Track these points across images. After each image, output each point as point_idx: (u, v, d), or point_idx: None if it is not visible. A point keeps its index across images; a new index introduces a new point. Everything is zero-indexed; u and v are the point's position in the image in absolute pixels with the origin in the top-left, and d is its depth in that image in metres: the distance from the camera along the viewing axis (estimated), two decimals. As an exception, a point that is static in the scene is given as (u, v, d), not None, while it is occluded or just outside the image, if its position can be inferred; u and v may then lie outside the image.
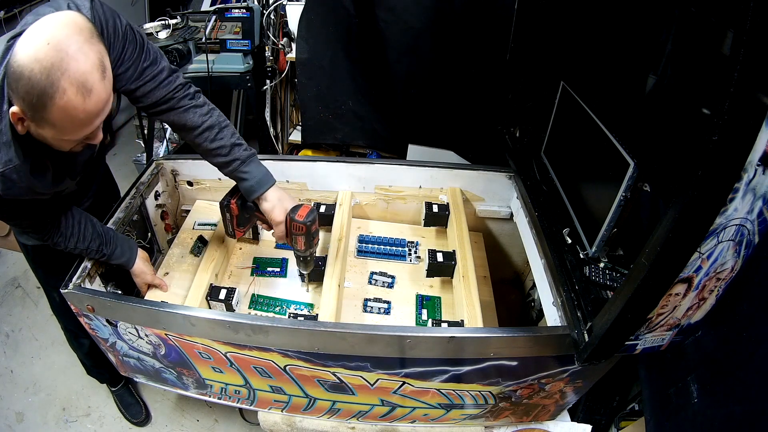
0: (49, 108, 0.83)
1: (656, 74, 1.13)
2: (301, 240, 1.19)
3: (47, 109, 0.83)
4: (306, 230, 1.17)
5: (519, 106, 1.70)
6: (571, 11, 1.43)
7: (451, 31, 1.99)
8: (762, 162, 0.71)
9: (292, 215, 1.18)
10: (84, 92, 0.84)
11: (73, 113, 0.85)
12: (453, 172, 1.68)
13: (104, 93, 0.88)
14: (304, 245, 1.22)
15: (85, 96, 0.84)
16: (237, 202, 1.23)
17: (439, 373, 1.18)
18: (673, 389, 1.10)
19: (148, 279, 1.38)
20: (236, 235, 1.31)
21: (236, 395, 1.40)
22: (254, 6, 2.15)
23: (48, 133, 0.89)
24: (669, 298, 0.88)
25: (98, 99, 0.87)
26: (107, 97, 0.90)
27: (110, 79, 0.89)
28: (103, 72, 0.87)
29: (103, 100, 0.88)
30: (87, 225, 1.23)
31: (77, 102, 0.84)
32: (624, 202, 1.09)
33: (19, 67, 0.81)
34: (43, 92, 0.81)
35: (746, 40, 0.60)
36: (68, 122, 0.86)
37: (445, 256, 1.48)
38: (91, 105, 0.86)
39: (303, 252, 1.25)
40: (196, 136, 1.16)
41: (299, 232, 1.17)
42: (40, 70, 0.80)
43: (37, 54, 0.80)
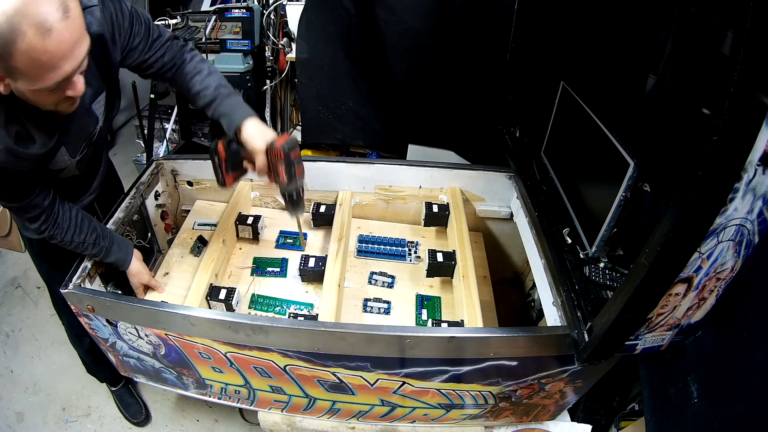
0: (14, 55, 0.83)
1: (656, 74, 1.13)
2: (281, 170, 1.16)
3: (13, 57, 0.83)
4: (285, 156, 1.14)
5: (519, 106, 1.70)
6: (571, 11, 1.43)
7: (451, 31, 1.99)
8: (762, 162, 0.71)
9: (271, 142, 1.16)
10: (43, 32, 0.84)
11: (35, 56, 0.85)
12: (453, 172, 1.68)
13: (66, 33, 0.87)
14: (286, 176, 1.17)
15: (44, 35, 0.84)
16: (223, 143, 1.22)
17: (439, 373, 1.19)
18: (673, 389, 1.10)
19: (144, 279, 1.39)
20: (226, 182, 1.26)
21: (236, 395, 1.40)
22: (254, 6, 2.16)
23: (22, 84, 0.90)
24: (669, 298, 0.88)
25: (59, 39, 0.86)
26: (71, 39, 0.89)
27: (75, 21, 0.89)
28: (66, 12, 0.86)
29: (65, 41, 0.87)
30: (83, 218, 1.24)
31: (37, 43, 0.84)
32: (624, 202, 1.09)
33: None
34: (6, 38, 0.82)
35: (746, 40, 0.60)
36: (33, 67, 0.86)
37: (445, 256, 1.48)
38: (52, 45, 0.85)
39: (287, 186, 1.19)
40: (190, 79, 1.24)
41: (278, 159, 1.15)
42: (3, 20, 0.81)
43: (3, 6, 0.81)
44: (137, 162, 2.82)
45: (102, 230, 1.27)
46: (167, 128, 2.74)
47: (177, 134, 2.88)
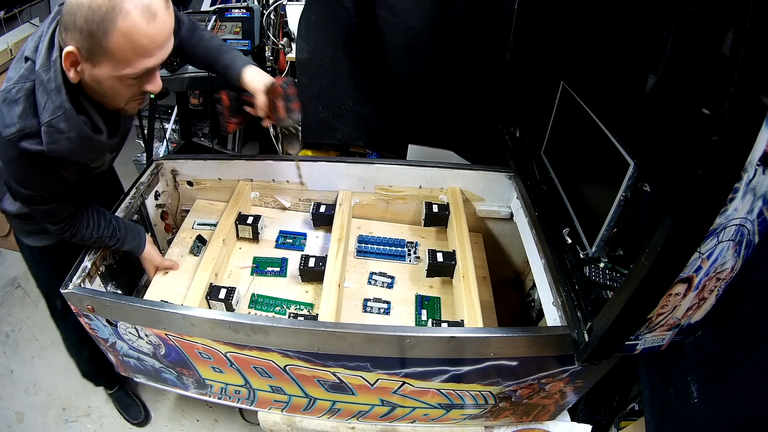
0: (110, 33, 0.81)
1: (656, 74, 1.13)
2: (280, 105, 1.24)
3: (108, 36, 0.81)
4: (284, 91, 1.23)
5: (519, 106, 1.70)
6: (571, 11, 1.43)
7: (451, 31, 1.99)
8: (762, 162, 0.71)
9: (271, 82, 1.25)
10: (149, 15, 0.82)
11: (137, 37, 0.83)
12: (453, 172, 1.68)
13: (168, 22, 0.86)
14: (285, 110, 1.25)
15: (149, 19, 0.82)
16: (227, 92, 1.32)
17: (439, 373, 1.18)
18: (673, 389, 1.10)
19: (157, 261, 1.41)
20: (229, 128, 1.36)
21: (236, 395, 1.40)
22: (254, 6, 2.15)
23: (105, 70, 0.87)
24: (669, 298, 0.88)
25: (162, 26, 0.85)
26: (170, 29, 0.88)
27: (172, 13, 0.89)
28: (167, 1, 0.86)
29: (167, 30, 0.87)
30: (99, 214, 1.25)
31: (141, 24, 0.82)
32: (624, 202, 1.09)
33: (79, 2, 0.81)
34: (105, 16, 0.80)
35: (746, 40, 0.60)
36: (130, 50, 0.84)
37: (445, 256, 1.48)
38: (155, 30, 0.84)
39: (285, 120, 1.28)
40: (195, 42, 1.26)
41: (277, 96, 1.23)
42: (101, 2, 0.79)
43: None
44: (137, 162, 2.82)
45: (117, 222, 1.29)
46: (167, 128, 2.74)
47: (177, 134, 2.88)
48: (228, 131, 1.38)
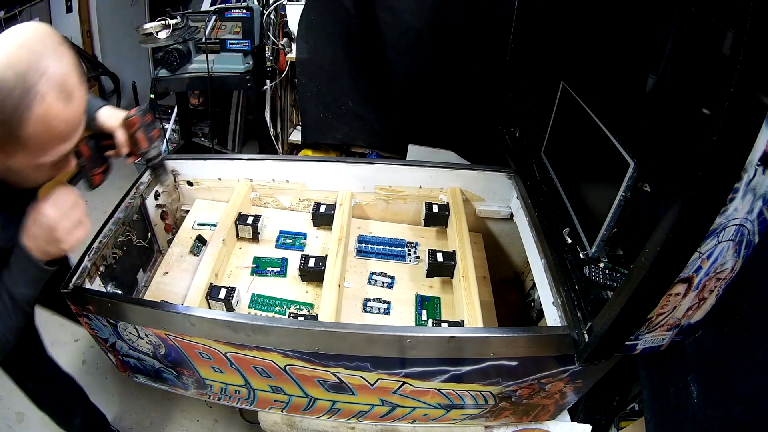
0: (25, 121, 0.70)
1: (656, 74, 1.13)
2: (140, 136, 1.20)
3: (23, 124, 0.70)
4: (140, 121, 1.18)
5: (519, 106, 1.70)
6: (571, 11, 1.43)
7: (451, 31, 1.99)
8: (762, 162, 0.71)
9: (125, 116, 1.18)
10: (65, 96, 0.73)
11: (54, 123, 0.73)
12: (453, 172, 1.68)
13: (83, 99, 0.77)
14: (145, 140, 1.22)
15: (66, 100, 0.73)
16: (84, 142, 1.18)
17: (439, 373, 1.18)
18: (673, 389, 1.10)
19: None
20: (94, 182, 1.20)
21: (236, 395, 1.40)
22: (254, 6, 2.15)
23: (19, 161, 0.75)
24: (669, 298, 0.88)
25: (79, 105, 0.76)
26: (84, 106, 0.78)
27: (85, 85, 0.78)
28: (81, 75, 0.76)
29: (82, 108, 0.77)
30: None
31: (58, 108, 0.72)
32: (624, 202, 1.09)
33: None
34: (18, 101, 0.69)
35: (746, 40, 0.60)
36: (47, 137, 0.73)
37: (445, 256, 1.48)
38: (72, 112, 0.75)
39: (148, 152, 1.25)
40: None
41: (135, 127, 1.18)
42: (14, 76, 0.68)
43: (9, 58, 0.69)
44: (137, 162, 2.82)
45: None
46: (167, 128, 2.74)
47: (177, 134, 2.88)
48: (95, 185, 1.20)
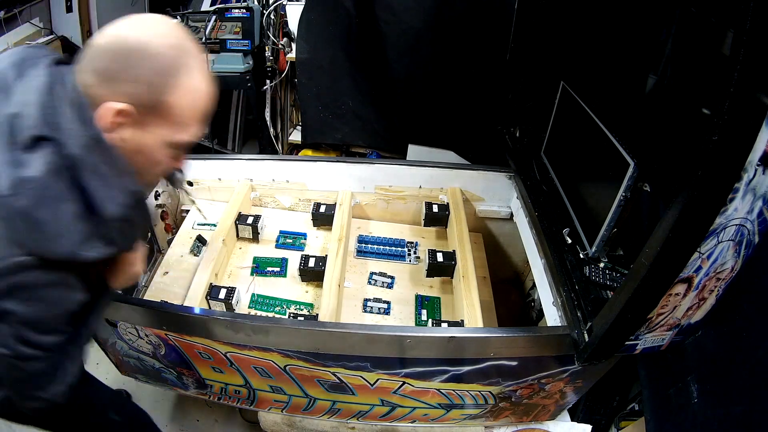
0: (173, 88, 0.69)
1: (656, 74, 1.13)
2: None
3: (171, 90, 0.68)
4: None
5: (519, 106, 1.70)
6: (571, 11, 1.43)
7: (451, 31, 1.99)
8: (762, 162, 0.71)
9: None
10: (207, 76, 0.73)
11: (197, 96, 0.72)
12: (453, 172, 1.68)
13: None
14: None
15: (207, 80, 0.73)
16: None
17: (439, 373, 1.18)
18: (673, 389, 1.10)
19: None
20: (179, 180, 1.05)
21: (236, 395, 1.40)
22: (254, 6, 2.15)
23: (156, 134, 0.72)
24: (669, 298, 0.88)
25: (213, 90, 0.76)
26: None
27: None
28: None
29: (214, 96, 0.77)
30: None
31: (203, 84, 0.72)
32: (624, 202, 1.09)
33: (141, 45, 0.67)
34: (169, 66, 0.68)
35: (746, 40, 0.60)
36: (189, 110, 0.72)
37: (445, 256, 1.48)
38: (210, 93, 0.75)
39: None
40: None
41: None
42: (167, 45, 0.68)
43: (160, 29, 0.69)
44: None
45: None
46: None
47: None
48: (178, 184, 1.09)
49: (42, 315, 0.72)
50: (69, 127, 0.66)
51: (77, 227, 0.68)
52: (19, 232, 0.66)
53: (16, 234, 0.66)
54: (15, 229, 0.66)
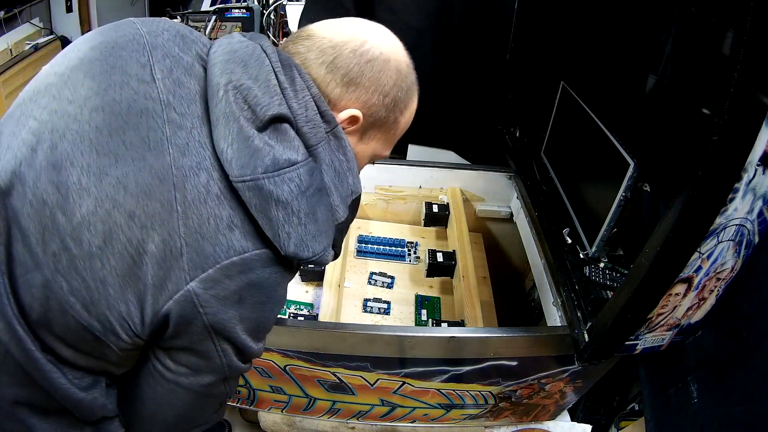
0: (407, 109, 0.70)
1: (656, 74, 1.13)
2: None
3: (405, 111, 0.70)
4: None
5: (519, 106, 1.70)
6: (571, 11, 1.43)
7: (451, 31, 1.99)
8: (762, 162, 0.71)
9: None
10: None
11: (411, 119, 0.73)
12: (453, 172, 1.68)
13: None
14: None
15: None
16: None
17: (439, 373, 1.18)
18: (673, 389, 1.10)
19: None
20: None
21: (236, 395, 1.40)
22: (254, 6, 2.15)
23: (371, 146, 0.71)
24: (669, 298, 0.88)
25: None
26: None
27: None
28: None
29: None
30: None
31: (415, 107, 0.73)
32: (624, 202, 1.09)
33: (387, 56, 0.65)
34: (411, 87, 0.69)
35: (746, 40, 0.60)
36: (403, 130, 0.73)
37: (445, 256, 1.48)
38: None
39: None
40: None
41: None
42: (408, 64, 0.69)
43: (397, 45, 0.68)
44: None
45: None
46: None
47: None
48: None
49: (266, 318, 0.63)
50: (312, 116, 0.59)
51: (332, 226, 0.62)
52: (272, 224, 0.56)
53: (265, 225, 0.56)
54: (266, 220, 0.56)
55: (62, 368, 0.60)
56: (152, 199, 0.53)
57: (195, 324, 0.56)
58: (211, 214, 0.54)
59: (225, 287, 0.55)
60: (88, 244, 0.54)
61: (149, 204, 0.53)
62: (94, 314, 0.56)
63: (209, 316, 0.56)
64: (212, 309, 0.55)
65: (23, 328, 0.57)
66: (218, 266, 0.54)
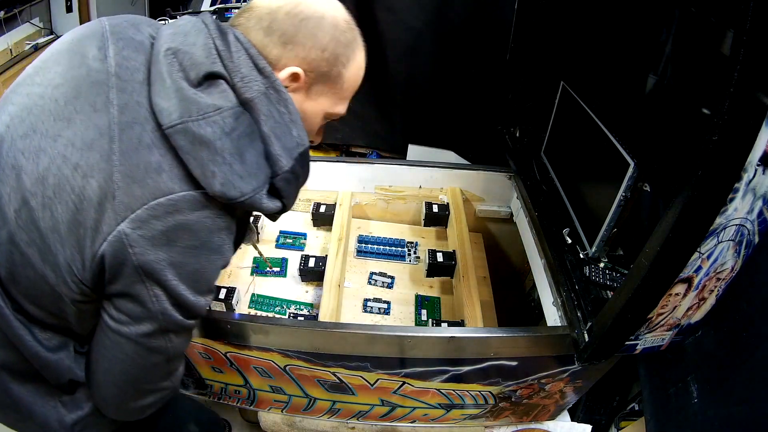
0: (350, 61, 0.71)
1: (656, 74, 1.13)
2: None
3: (349, 63, 0.71)
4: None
5: (519, 106, 1.70)
6: (571, 11, 1.43)
7: (451, 31, 1.99)
8: (762, 162, 0.71)
9: None
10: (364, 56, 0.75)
11: (361, 73, 0.75)
12: (453, 172, 1.68)
13: None
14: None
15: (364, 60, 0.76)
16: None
17: (439, 373, 1.18)
18: (673, 389, 1.10)
19: None
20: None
21: (236, 395, 1.40)
22: (254, 6, 2.15)
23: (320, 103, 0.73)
24: (669, 298, 0.88)
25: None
26: None
27: None
28: None
29: None
30: None
31: (364, 62, 0.75)
32: (624, 202, 1.09)
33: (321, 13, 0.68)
34: (351, 41, 0.70)
35: (746, 40, 0.60)
36: (353, 84, 0.75)
37: (445, 256, 1.48)
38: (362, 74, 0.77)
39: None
40: None
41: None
42: (345, 19, 0.71)
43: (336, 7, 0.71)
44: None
45: None
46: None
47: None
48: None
49: (201, 267, 0.64)
50: (246, 72, 0.64)
51: (263, 170, 0.65)
52: (198, 163, 0.60)
53: (192, 166, 0.60)
54: (193, 161, 0.60)
55: (32, 327, 0.67)
56: (93, 151, 0.60)
57: (126, 265, 0.60)
58: (141, 161, 0.59)
59: (152, 227, 0.59)
60: (42, 196, 0.60)
61: (90, 155, 0.60)
62: (48, 263, 0.62)
63: (138, 256, 0.59)
64: (140, 249, 0.59)
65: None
66: (145, 206, 0.59)
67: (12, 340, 0.66)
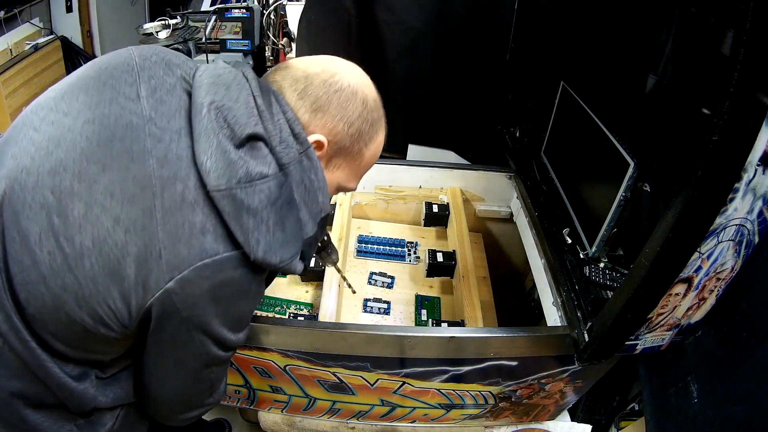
0: (373, 142, 0.74)
1: (656, 74, 1.13)
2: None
3: (370, 144, 0.74)
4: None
5: (519, 106, 1.70)
6: (571, 11, 1.43)
7: (451, 31, 1.99)
8: (762, 162, 0.71)
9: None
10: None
11: (378, 154, 0.78)
12: (453, 172, 1.68)
13: None
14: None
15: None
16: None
17: (439, 373, 1.18)
18: (673, 389, 1.10)
19: None
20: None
21: (236, 395, 1.40)
22: (254, 6, 2.15)
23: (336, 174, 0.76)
24: (669, 298, 0.88)
25: None
26: None
27: None
28: None
29: None
30: None
31: (382, 144, 0.78)
32: (624, 202, 1.09)
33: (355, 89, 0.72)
34: (376, 120, 0.74)
35: (746, 40, 0.60)
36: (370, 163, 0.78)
37: (445, 256, 1.48)
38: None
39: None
40: None
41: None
42: (375, 99, 0.74)
43: (366, 80, 0.75)
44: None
45: None
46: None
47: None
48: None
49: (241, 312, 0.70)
50: (285, 137, 0.65)
51: (299, 238, 0.67)
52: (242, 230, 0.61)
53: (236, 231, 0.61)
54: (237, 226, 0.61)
55: (56, 360, 0.67)
56: (135, 206, 0.59)
57: (174, 317, 0.62)
58: (185, 219, 0.60)
59: (199, 286, 0.61)
60: (80, 244, 0.60)
61: (132, 210, 0.59)
62: (85, 309, 0.62)
63: (185, 312, 0.62)
64: (188, 305, 0.62)
65: (21, 321, 0.63)
66: (192, 268, 0.60)
67: (37, 372, 0.66)
